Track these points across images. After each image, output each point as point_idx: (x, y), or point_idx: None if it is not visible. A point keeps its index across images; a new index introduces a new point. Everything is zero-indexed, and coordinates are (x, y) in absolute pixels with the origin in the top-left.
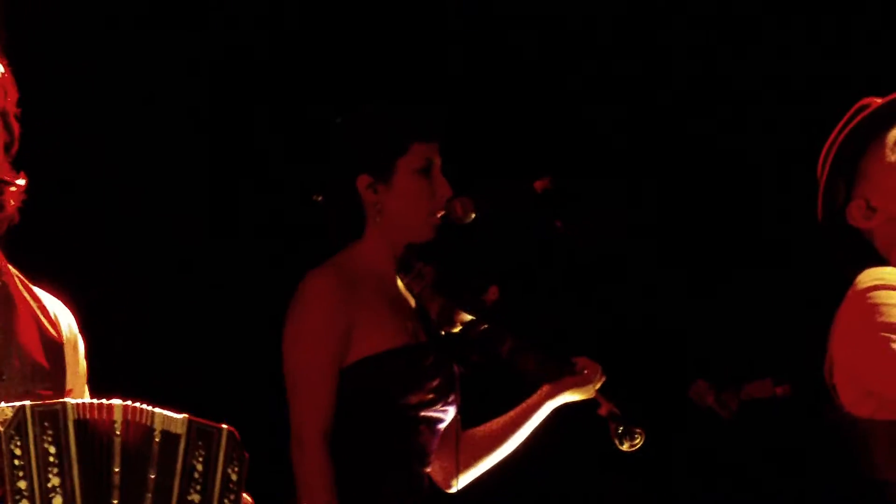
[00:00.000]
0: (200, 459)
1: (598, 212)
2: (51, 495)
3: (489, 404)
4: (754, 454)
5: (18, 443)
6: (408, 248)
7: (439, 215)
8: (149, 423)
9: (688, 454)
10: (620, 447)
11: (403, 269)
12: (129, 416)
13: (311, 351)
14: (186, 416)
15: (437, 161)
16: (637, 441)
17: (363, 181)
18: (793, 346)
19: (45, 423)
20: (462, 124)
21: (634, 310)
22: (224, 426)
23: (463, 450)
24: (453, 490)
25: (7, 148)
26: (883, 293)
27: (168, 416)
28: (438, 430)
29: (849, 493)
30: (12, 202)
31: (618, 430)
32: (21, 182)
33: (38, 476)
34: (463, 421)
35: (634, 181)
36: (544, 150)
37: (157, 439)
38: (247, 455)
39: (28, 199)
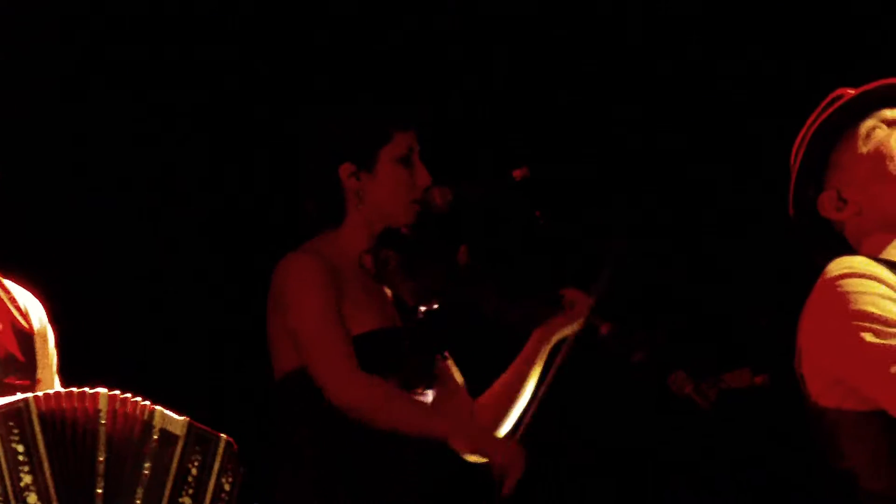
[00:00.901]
0: (196, 464)
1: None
2: (25, 494)
3: (491, 365)
4: (732, 443)
5: None
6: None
7: (416, 200)
8: (145, 419)
9: (668, 445)
10: (632, 360)
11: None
12: (118, 407)
13: (320, 304)
14: (187, 419)
15: (417, 149)
16: (646, 348)
17: (346, 169)
18: (771, 335)
19: (10, 423)
20: (441, 114)
21: (615, 300)
22: (223, 436)
23: (478, 418)
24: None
25: None
26: (853, 281)
27: (168, 416)
28: None
29: (820, 484)
30: None
31: (623, 344)
32: None
33: (11, 478)
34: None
35: (614, 170)
36: (522, 139)
37: (155, 437)
38: (242, 469)
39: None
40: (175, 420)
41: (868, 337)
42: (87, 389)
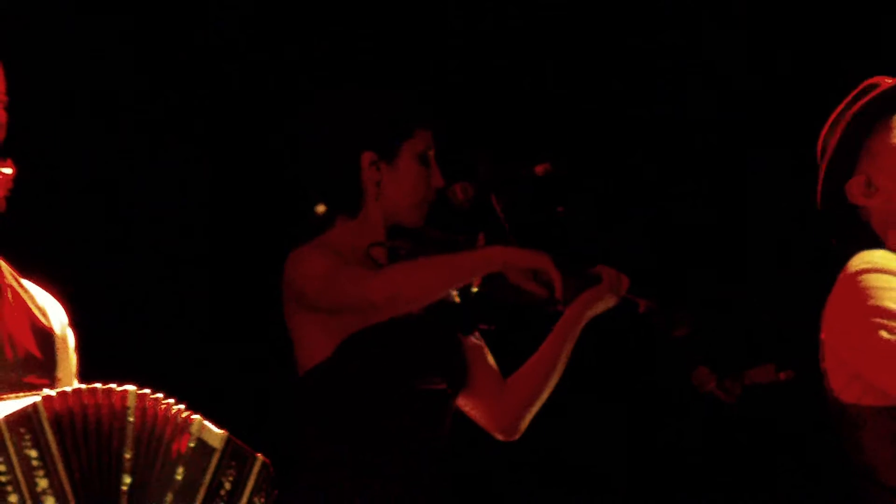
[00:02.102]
0: (230, 479)
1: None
2: (42, 498)
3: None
4: (758, 438)
5: (1, 459)
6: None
7: (428, 202)
8: (180, 423)
9: (693, 441)
10: (674, 336)
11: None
12: (149, 405)
13: (327, 260)
14: (226, 432)
15: (434, 148)
16: (686, 324)
17: (367, 158)
18: (795, 330)
19: (22, 430)
20: (463, 108)
21: (635, 297)
22: (260, 455)
23: (510, 397)
24: (516, 437)
25: None
26: (873, 276)
27: (208, 427)
28: (441, 405)
29: (844, 480)
30: None
31: (662, 321)
32: (7, 171)
33: (27, 484)
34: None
35: (633, 169)
36: (545, 134)
37: (191, 444)
38: (276, 492)
39: (17, 190)
40: (214, 432)
41: (884, 333)
42: (114, 386)
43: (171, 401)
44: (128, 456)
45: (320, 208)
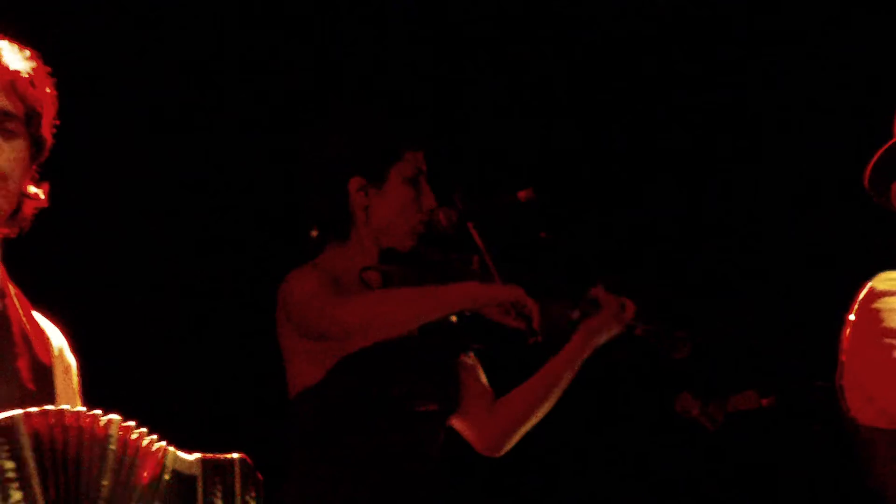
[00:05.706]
0: (219, 495)
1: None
2: None
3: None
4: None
5: None
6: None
7: (421, 222)
8: (160, 458)
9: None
10: (673, 357)
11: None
12: (130, 436)
13: (314, 284)
14: (199, 455)
15: (424, 170)
16: (685, 345)
17: (355, 183)
18: (779, 357)
19: (1, 440)
20: (446, 135)
21: (633, 320)
22: (236, 455)
23: (499, 414)
24: (499, 455)
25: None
26: (892, 299)
27: (180, 457)
28: (433, 427)
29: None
30: (28, 213)
31: (660, 343)
32: (41, 195)
33: (0, 494)
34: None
35: (621, 191)
36: (527, 160)
37: (165, 477)
38: (261, 477)
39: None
40: (187, 460)
41: None
42: (99, 412)
43: (145, 430)
44: (105, 483)
45: (314, 232)
